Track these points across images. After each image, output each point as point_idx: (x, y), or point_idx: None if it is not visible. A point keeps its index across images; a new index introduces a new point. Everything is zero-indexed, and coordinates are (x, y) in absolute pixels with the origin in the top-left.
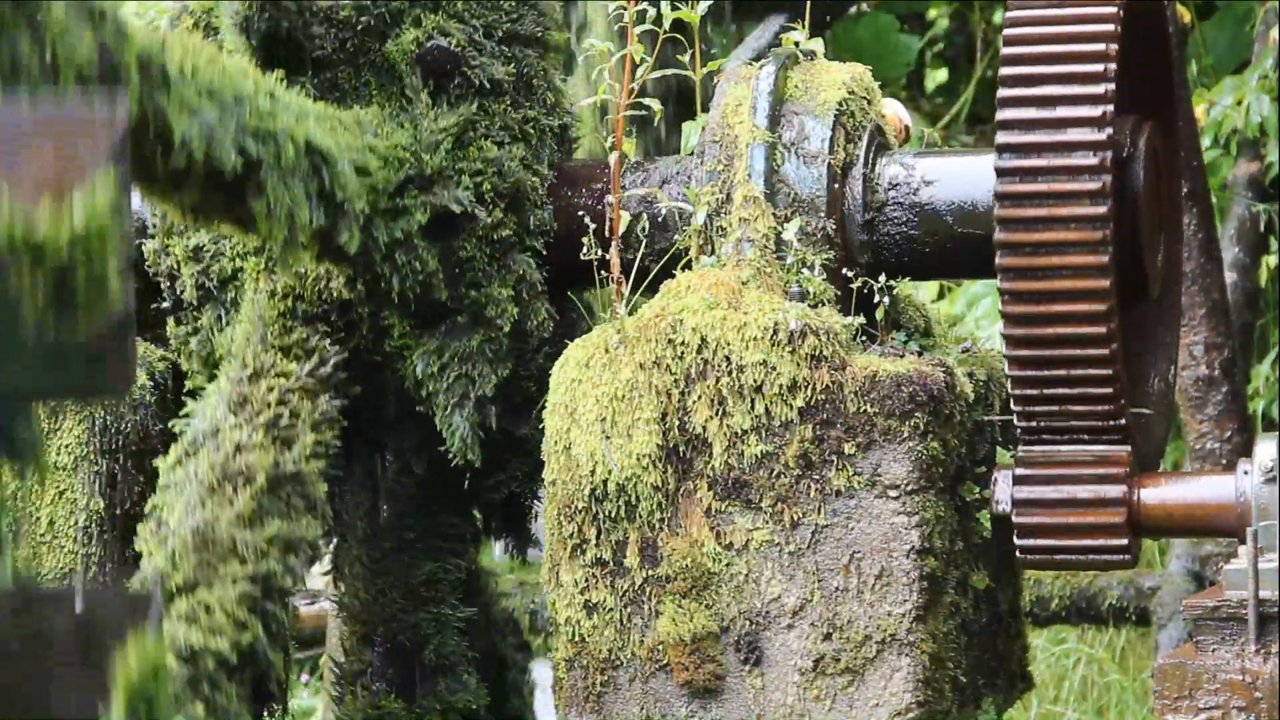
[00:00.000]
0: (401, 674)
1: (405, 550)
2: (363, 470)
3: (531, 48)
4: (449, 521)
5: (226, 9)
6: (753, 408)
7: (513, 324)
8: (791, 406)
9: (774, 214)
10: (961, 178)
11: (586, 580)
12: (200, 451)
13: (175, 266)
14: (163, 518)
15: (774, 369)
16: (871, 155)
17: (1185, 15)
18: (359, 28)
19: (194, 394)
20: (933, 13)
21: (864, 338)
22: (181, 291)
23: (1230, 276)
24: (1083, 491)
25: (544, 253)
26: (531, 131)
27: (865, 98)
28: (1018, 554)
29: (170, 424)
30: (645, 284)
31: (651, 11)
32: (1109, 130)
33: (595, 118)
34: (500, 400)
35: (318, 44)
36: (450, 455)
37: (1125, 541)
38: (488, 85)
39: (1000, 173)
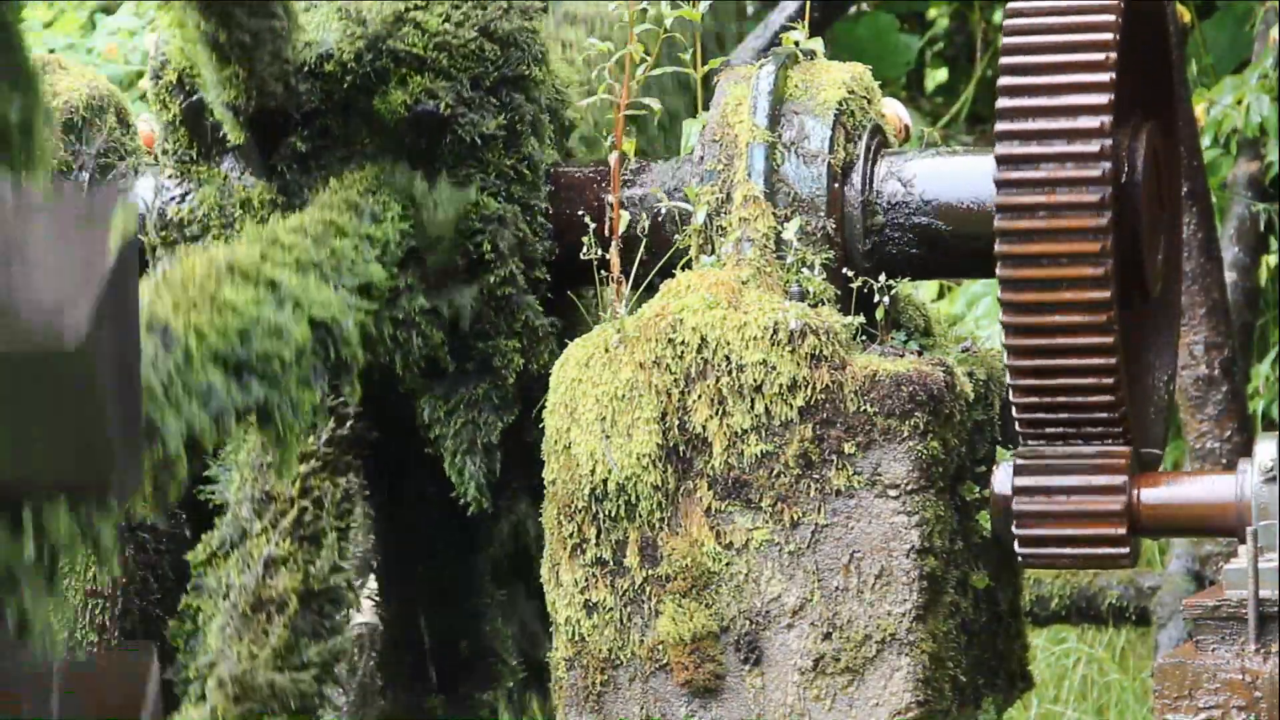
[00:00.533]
0: (441, 669)
1: (433, 558)
2: (384, 489)
3: (520, 89)
4: (473, 525)
5: (213, 93)
6: (753, 407)
7: (518, 373)
8: (791, 406)
9: (774, 213)
10: (961, 185)
11: (586, 580)
12: (231, 556)
13: None
14: (200, 624)
15: (774, 368)
16: (872, 156)
17: (1185, 15)
18: (345, 85)
19: (215, 449)
20: (933, 13)
21: (864, 337)
22: None
23: (1230, 276)
24: (1083, 491)
25: (548, 279)
26: (527, 172)
27: (865, 97)
28: (1017, 554)
29: (194, 491)
30: (644, 285)
31: (652, 11)
32: (1109, 133)
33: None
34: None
35: (305, 99)
36: (464, 501)
37: (1125, 541)
38: (479, 141)
39: (1000, 184)
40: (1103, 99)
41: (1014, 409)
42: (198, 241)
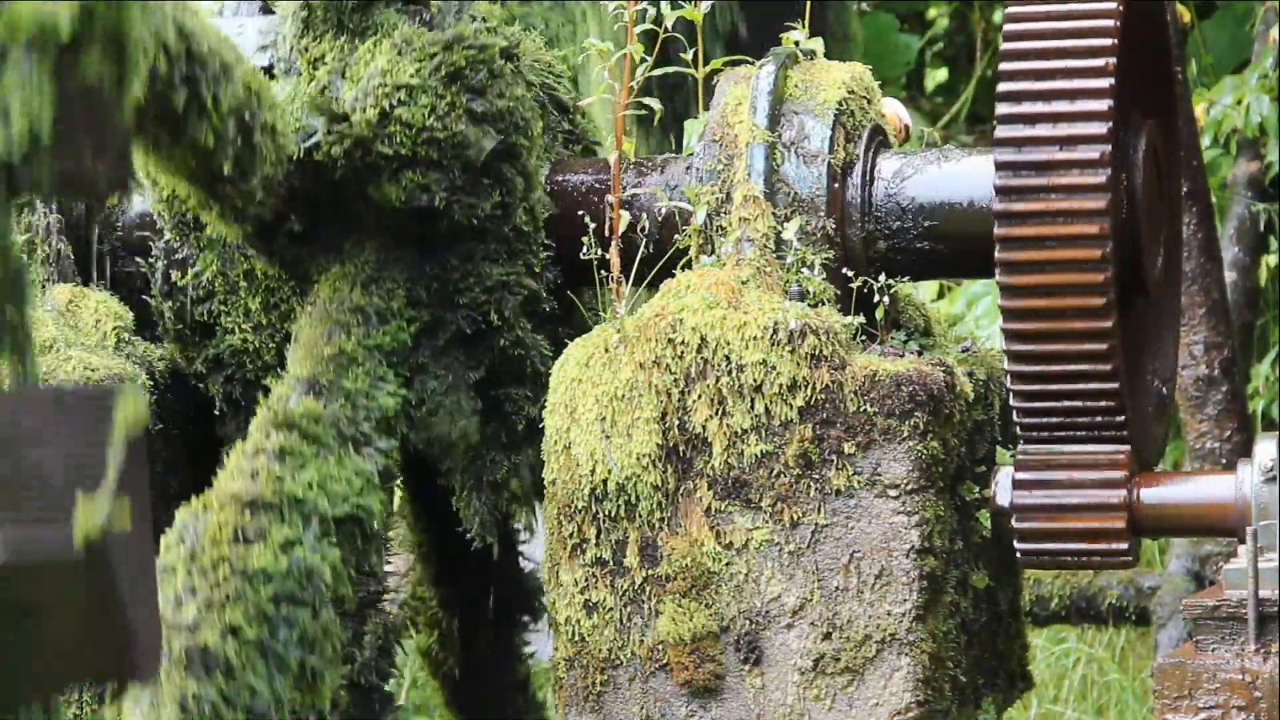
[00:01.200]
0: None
1: (460, 540)
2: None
3: (512, 159)
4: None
5: (211, 227)
6: (752, 407)
7: (528, 420)
8: (791, 406)
9: (774, 213)
10: (964, 200)
11: (586, 580)
12: None
13: (201, 373)
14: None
15: (774, 368)
16: (872, 155)
17: (1185, 15)
18: (335, 175)
19: None
20: (933, 12)
21: (864, 337)
22: (211, 395)
23: (1230, 276)
24: (1083, 491)
25: (554, 306)
26: (526, 226)
27: (865, 97)
28: (1017, 554)
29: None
30: (645, 283)
31: (652, 11)
32: (1109, 131)
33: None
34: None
35: (299, 188)
36: (469, 537)
37: (1125, 541)
38: (475, 223)
39: (1000, 191)
40: (1105, 106)
41: (1014, 409)
42: (204, 305)
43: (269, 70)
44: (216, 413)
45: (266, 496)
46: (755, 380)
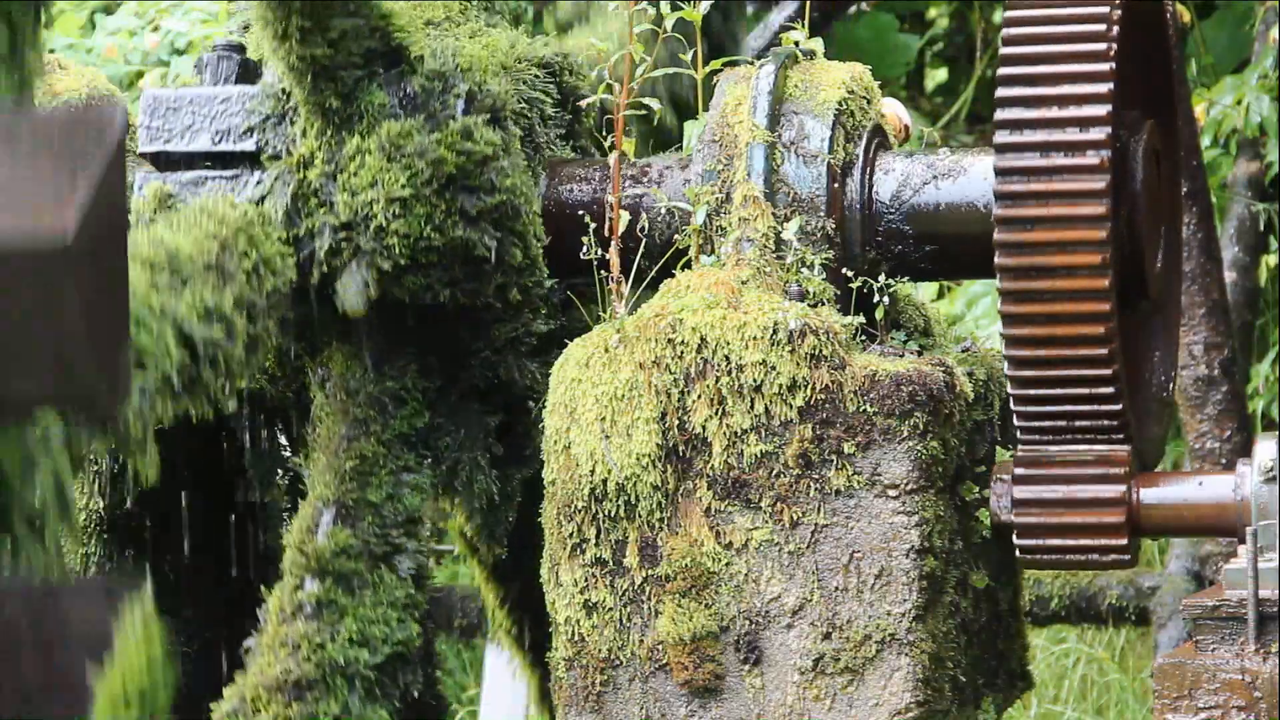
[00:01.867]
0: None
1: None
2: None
3: (511, 235)
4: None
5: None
6: (752, 407)
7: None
8: (791, 406)
9: (773, 213)
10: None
11: (586, 580)
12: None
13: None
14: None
15: (773, 368)
16: (871, 156)
17: (1185, 15)
18: (338, 278)
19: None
20: (933, 12)
21: (864, 337)
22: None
23: (1230, 276)
24: (1082, 491)
25: (561, 321)
26: (529, 283)
27: (865, 97)
28: (1017, 554)
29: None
30: (645, 284)
31: (652, 11)
32: (1109, 130)
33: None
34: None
35: (299, 287)
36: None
37: (1125, 541)
38: (480, 304)
39: (1000, 173)
40: (1103, 89)
41: (1014, 409)
42: None
43: (256, 155)
44: (239, 445)
45: (310, 675)
46: (755, 380)
